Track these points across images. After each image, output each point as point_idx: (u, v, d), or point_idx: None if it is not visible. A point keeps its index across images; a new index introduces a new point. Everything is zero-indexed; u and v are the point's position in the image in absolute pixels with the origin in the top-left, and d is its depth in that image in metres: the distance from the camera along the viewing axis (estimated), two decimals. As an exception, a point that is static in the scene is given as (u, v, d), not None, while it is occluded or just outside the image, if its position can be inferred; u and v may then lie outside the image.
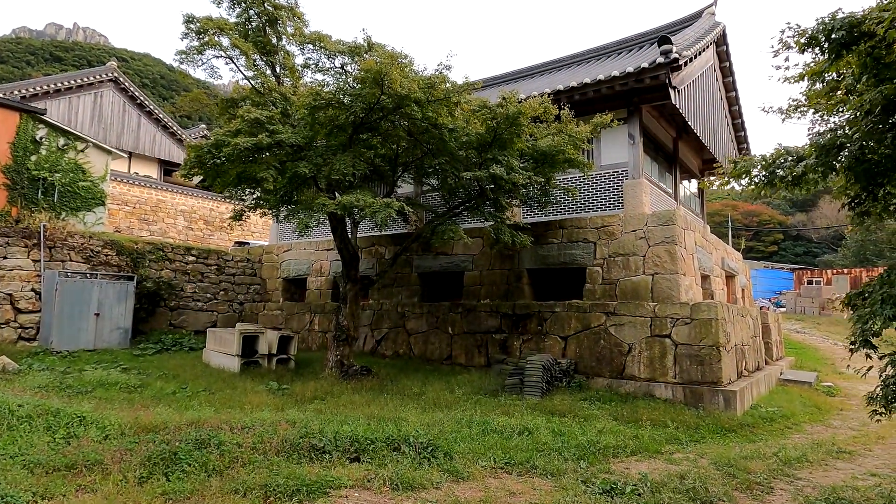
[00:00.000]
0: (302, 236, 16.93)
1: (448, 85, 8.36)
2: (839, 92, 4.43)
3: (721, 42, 15.06)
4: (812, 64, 4.47)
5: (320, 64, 9.95)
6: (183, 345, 13.71)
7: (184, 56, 10.00)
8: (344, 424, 6.47)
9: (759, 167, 4.40)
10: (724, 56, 15.41)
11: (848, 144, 3.85)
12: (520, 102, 8.95)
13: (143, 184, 26.54)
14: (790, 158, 4.20)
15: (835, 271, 35.59)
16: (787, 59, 4.48)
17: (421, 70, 9.07)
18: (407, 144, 10.54)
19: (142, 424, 5.86)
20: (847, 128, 4.01)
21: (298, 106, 8.45)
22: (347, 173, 8.25)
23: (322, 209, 8.08)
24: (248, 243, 23.08)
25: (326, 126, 9.31)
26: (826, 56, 4.06)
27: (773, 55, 4.39)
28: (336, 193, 9.83)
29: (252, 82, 10.41)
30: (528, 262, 12.48)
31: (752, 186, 4.58)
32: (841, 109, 4.40)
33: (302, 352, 14.44)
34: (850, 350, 4.85)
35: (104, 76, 26.84)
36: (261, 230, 30.19)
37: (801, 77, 4.45)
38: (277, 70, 10.97)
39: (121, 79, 27.52)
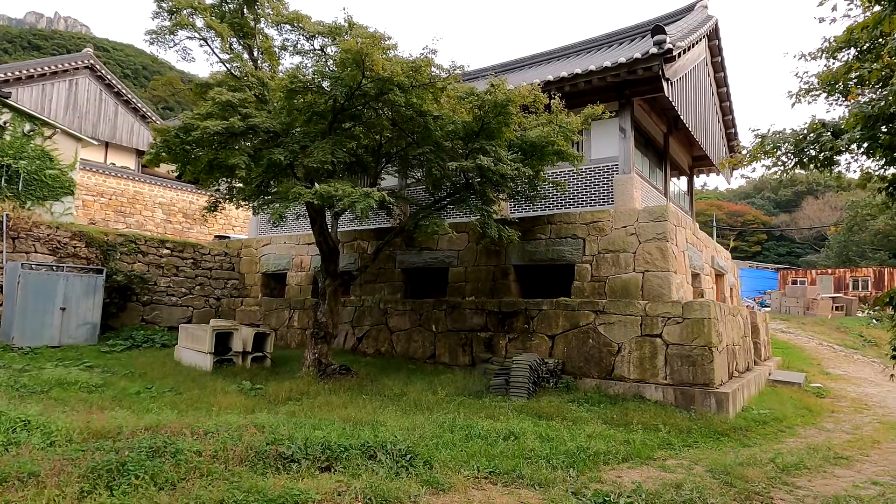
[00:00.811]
0: (277, 227, 16.39)
1: (434, 69, 7.90)
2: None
3: (713, 36, 14.77)
4: (867, 15, 3.98)
5: (299, 46, 9.44)
6: (155, 341, 13.12)
7: (154, 36, 9.42)
8: (317, 429, 6.02)
9: (787, 144, 3.95)
10: (716, 51, 15.13)
11: None
12: (508, 90, 8.52)
13: (119, 175, 25.75)
14: (826, 133, 3.74)
15: (819, 271, 35.75)
16: (833, 9, 4.04)
17: (406, 56, 8.62)
18: (391, 134, 10.08)
19: (93, 429, 5.35)
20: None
21: (275, 89, 7.94)
22: (326, 161, 7.76)
23: (298, 199, 7.59)
24: (228, 237, 22.44)
25: (305, 112, 8.82)
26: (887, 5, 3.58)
27: (818, 4, 3.94)
28: (315, 184, 9.34)
29: (228, 66, 9.86)
30: (515, 258, 12.08)
31: (776, 168, 4.16)
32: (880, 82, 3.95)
33: (281, 349, 13.93)
34: (894, 357, 4.36)
35: (80, 63, 25.93)
36: (242, 224, 29.48)
37: (848, 33, 3.97)
38: (255, 54, 10.43)
39: (97, 66, 26.63)
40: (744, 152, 4.54)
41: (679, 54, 11.33)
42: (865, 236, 41.14)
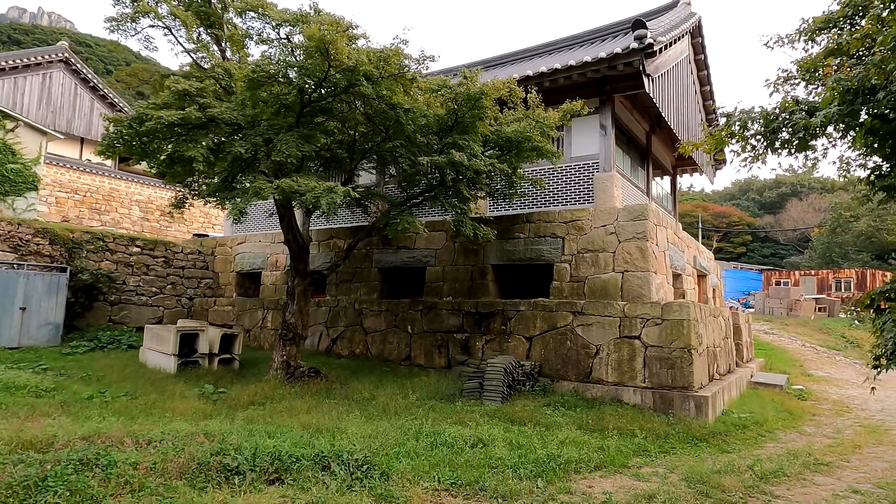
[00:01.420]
0: (253, 225, 15.98)
1: (404, 60, 7.56)
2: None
3: (696, 34, 14.58)
4: None
5: (264, 34, 9.05)
6: (121, 342, 12.66)
7: (115, 24, 8.99)
8: (272, 437, 5.67)
9: (757, 125, 3.59)
10: (699, 48, 14.94)
11: (885, 85, 3.07)
12: (482, 83, 8.20)
13: (95, 171, 25.08)
14: (800, 112, 3.38)
15: (802, 272, 35.88)
16: None
17: (377, 47, 8.27)
18: (365, 130, 9.74)
19: (24, 439, 4.95)
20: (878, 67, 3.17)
21: (238, 79, 7.57)
22: (290, 154, 7.39)
23: (259, 194, 7.22)
24: (207, 235, 21.94)
25: (273, 105, 8.45)
26: None
27: None
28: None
29: (193, 56, 9.46)
30: (493, 257, 11.78)
31: (745, 155, 3.82)
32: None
33: (254, 350, 13.53)
34: (875, 367, 4.03)
35: (54, 56, 25.26)
36: (224, 222, 28.94)
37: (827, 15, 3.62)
38: (223, 44, 10.02)
39: (72, 59, 25.96)
40: (710, 135, 4.19)
41: (660, 50, 11.09)
42: (848, 238, 41.41)
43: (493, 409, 8.06)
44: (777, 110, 3.45)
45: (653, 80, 11.23)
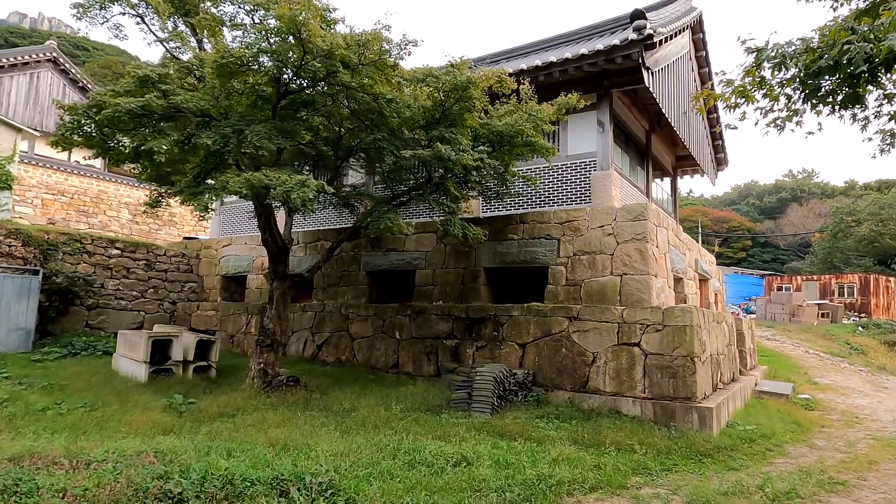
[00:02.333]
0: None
1: (385, 45, 7.02)
2: None
3: (697, 29, 14.08)
4: None
5: (237, 20, 8.52)
6: (97, 349, 12.07)
7: (81, 10, 8.46)
8: (231, 455, 5.10)
9: (793, 67, 2.87)
10: (700, 44, 14.43)
11: None
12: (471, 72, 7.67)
13: (83, 173, 24.54)
14: (857, 42, 2.63)
15: (804, 277, 35.30)
16: None
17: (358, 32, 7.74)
18: (351, 125, 9.21)
19: (-58, 461, 4.39)
20: None
21: (207, 63, 7.03)
22: (263, 147, 6.85)
23: (225, 188, 6.66)
24: (197, 238, 21.38)
25: (249, 96, 7.92)
26: None
27: None
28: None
29: (166, 45, 8.92)
30: (485, 260, 11.22)
31: (773, 115, 3.19)
32: None
33: (236, 357, 12.93)
34: None
35: (42, 55, 24.75)
36: (211, 224, 28.37)
37: None
38: (201, 35, 9.49)
39: (61, 59, 25.46)
40: (729, 86, 3.45)
41: (660, 42, 10.58)
42: (850, 243, 40.85)
43: (481, 422, 7.48)
44: (819, 45, 2.74)
45: (653, 73, 10.71)
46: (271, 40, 7.06)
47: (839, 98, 2.79)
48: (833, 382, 16.47)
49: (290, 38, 6.58)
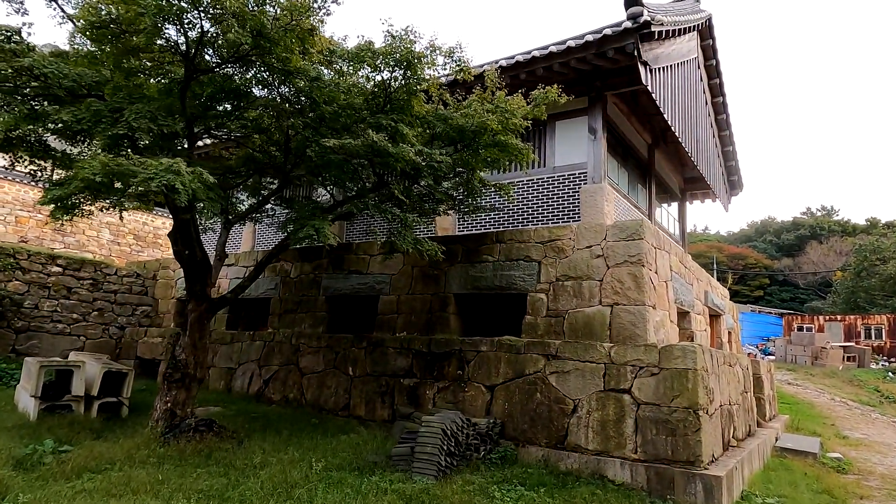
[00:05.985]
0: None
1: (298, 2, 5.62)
2: None
3: (706, 35, 12.65)
4: None
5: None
6: (14, 378, 10.55)
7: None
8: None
9: None
10: (710, 52, 12.99)
11: None
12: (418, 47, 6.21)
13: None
14: None
15: (827, 318, 33.07)
16: None
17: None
18: (302, 123, 7.80)
19: None
20: None
21: (78, 22, 5.67)
22: (139, 128, 5.41)
23: (73, 178, 5.18)
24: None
25: (156, 75, 6.55)
26: None
27: None
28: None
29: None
30: (455, 285, 9.61)
31: None
32: None
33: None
34: None
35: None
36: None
37: None
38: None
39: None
40: None
41: (661, 35, 9.13)
42: (875, 282, 38.50)
43: (418, 489, 5.77)
44: None
45: (652, 72, 9.23)
46: None
47: None
48: (865, 437, 14.41)
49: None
